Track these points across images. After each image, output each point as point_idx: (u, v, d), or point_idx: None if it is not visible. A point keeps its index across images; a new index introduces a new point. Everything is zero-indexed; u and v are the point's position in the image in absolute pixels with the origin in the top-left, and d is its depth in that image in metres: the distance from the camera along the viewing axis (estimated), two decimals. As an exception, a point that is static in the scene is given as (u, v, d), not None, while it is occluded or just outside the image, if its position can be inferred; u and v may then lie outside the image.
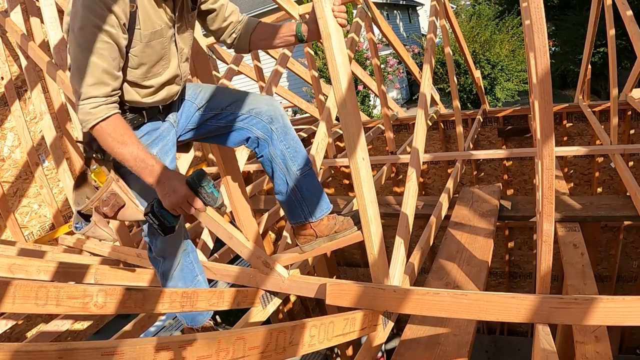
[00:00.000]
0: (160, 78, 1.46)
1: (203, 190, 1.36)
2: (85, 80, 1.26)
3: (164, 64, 1.46)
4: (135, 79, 1.41)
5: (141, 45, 1.36)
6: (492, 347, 6.27)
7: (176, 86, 1.56)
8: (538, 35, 1.40)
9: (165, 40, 1.42)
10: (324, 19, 1.40)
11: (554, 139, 1.51)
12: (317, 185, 1.79)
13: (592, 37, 4.07)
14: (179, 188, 1.33)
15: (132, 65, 1.38)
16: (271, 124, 1.66)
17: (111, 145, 1.31)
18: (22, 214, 3.63)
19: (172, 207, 1.34)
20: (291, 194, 1.75)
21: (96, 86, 1.27)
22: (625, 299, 1.47)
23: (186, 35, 1.52)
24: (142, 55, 1.38)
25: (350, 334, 1.66)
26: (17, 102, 3.51)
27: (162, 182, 1.33)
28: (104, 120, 1.29)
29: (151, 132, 1.56)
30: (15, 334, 3.11)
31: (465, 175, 5.42)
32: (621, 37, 6.78)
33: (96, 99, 1.27)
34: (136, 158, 1.31)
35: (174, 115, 1.65)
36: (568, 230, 2.83)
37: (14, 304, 1.34)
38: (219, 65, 5.94)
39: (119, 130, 1.31)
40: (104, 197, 1.46)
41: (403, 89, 17.87)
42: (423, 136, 2.96)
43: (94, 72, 1.26)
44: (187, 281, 1.88)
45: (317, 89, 4.78)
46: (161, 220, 1.39)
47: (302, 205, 1.77)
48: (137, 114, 1.50)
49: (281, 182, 1.74)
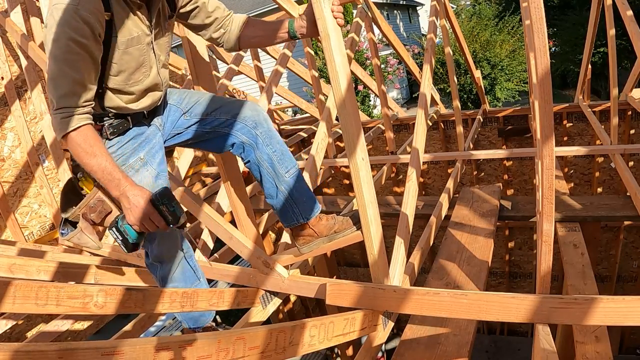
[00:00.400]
0: (141, 85, 1.47)
1: (165, 207, 1.35)
2: (58, 91, 1.27)
3: (145, 71, 1.47)
4: (116, 86, 1.42)
5: (119, 52, 1.37)
6: (492, 347, 6.27)
7: (158, 92, 1.57)
8: (538, 35, 1.40)
9: (143, 47, 1.43)
10: (322, 19, 1.40)
11: (554, 139, 1.51)
12: (304, 186, 1.81)
13: (592, 37, 4.07)
14: (141, 204, 1.33)
15: (112, 72, 1.39)
16: (255, 128, 1.67)
17: (80, 155, 1.32)
18: (22, 214, 3.63)
19: (135, 222, 1.34)
20: (281, 196, 1.76)
21: (68, 97, 1.28)
22: (625, 299, 1.47)
23: (163, 42, 1.53)
24: (121, 62, 1.39)
25: (350, 334, 1.66)
26: (17, 102, 3.51)
27: (126, 196, 1.33)
28: (75, 131, 1.30)
29: (137, 137, 1.56)
30: (15, 334, 3.11)
31: (465, 175, 5.42)
32: (621, 37, 6.78)
33: (68, 110, 1.29)
34: (104, 170, 1.32)
35: (159, 119, 1.65)
36: (568, 230, 2.83)
37: (14, 304, 1.34)
38: (219, 66, 5.94)
39: (89, 142, 1.31)
40: (91, 204, 1.47)
41: (403, 89, 17.88)
42: (423, 136, 2.96)
43: (66, 83, 1.27)
44: (187, 285, 1.88)
45: (317, 89, 4.78)
46: (124, 236, 1.39)
47: (292, 207, 1.78)
48: (123, 120, 1.51)
49: (270, 186, 1.75)
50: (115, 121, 1.49)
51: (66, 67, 1.25)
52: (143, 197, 1.33)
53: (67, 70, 1.26)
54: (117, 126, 1.49)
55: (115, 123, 1.49)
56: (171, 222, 1.37)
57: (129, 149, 1.53)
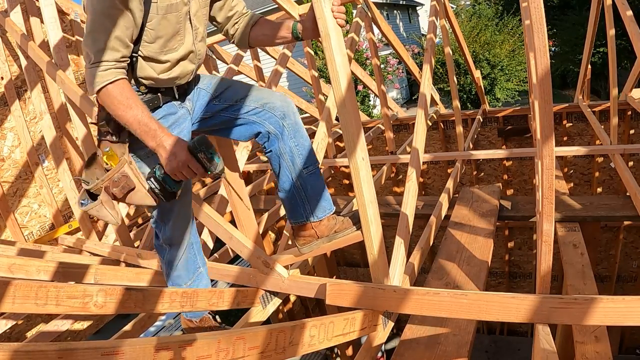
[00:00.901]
0: (176, 53, 1.49)
1: (203, 155, 1.38)
2: (96, 45, 1.31)
3: (180, 39, 1.49)
4: (151, 54, 1.45)
5: (158, 17, 1.39)
6: (492, 347, 6.27)
7: (191, 64, 1.58)
8: (538, 35, 1.40)
9: (181, 15, 1.46)
10: (323, 18, 1.40)
11: (554, 139, 1.51)
12: (321, 185, 1.80)
13: (592, 37, 4.07)
14: (179, 153, 1.36)
15: (149, 39, 1.42)
16: (283, 119, 1.68)
17: (116, 107, 1.35)
18: (22, 214, 3.63)
19: (173, 171, 1.37)
20: (295, 191, 1.76)
21: (107, 51, 1.32)
22: (625, 299, 1.47)
23: (200, 14, 1.55)
24: (159, 28, 1.41)
25: (350, 334, 1.66)
26: (17, 102, 3.51)
27: (163, 146, 1.36)
28: (112, 84, 1.33)
29: (167, 117, 1.58)
30: (15, 334, 3.10)
31: (465, 175, 5.42)
32: (621, 37, 6.79)
33: (106, 63, 1.32)
34: (140, 122, 1.35)
35: (189, 101, 1.67)
36: (568, 230, 2.83)
37: (14, 304, 1.34)
38: (219, 66, 5.95)
39: (125, 94, 1.35)
40: (115, 178, 1.47)
41: (403, 89, 17.88)
42: (423, 136, 2.96)
43: (105, 37, 1.30)
44: (189, 273, 1.89)
45: (317, 89, 4.78)
46: (163, 185, 1.42)
47: (304, 204, 1.77)
48: (154, 96, 1.53)
49: (286, 180, 1.75)
50: (147, 97, 1.52)
51: (108, 21, 1.29)
52: (181, 145, 1.37)
53: (109, 24, 1.29)
54: (148, 102, 1.52)
55: (146, 99, 1.52)
56: (209, 168, 1.39)
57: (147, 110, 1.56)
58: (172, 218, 1.73)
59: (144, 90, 1.52)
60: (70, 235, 3.60)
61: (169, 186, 1.43)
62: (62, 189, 3.77)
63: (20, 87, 3.62)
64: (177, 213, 1.73)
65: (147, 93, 1.53)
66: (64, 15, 3.90)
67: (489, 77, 12.88)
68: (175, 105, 1.61)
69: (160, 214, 1.72)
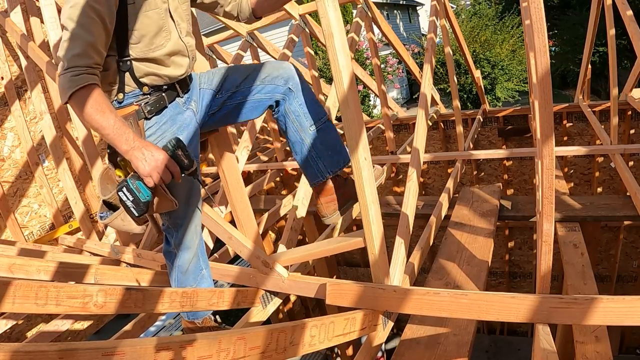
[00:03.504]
0: (164, 49, 1.50)
1: (181, 152, 1.37)
2: (70, 51, 1.32)
3: (165, 35, 1.49)
4: (141, 54, 1.46)
5: (138, 16, 1.41)
6: (492, 347, 6.28)
7: (185, 58, 1.58)
8: (538, 35, 1.40)
9: (161, 12, 1.47)
10: (326, 18, 1.40)
11: (554, 138, 1.51)
12: (333, 139, 1.78)
13: (592, 37, 4.07)
14: (155, 152, 1.35)
15: (135, 40, 1.43)
16: (287, 83, 1.70)
17: (89, 112, 1.32)
18: (22, 213, 3.63)
19: (150, 172, 1.34)
20: (305, 150, 1.75)
21: (80, 57, 1.32)
22: (625, 299, 1.47)
23: (181, 10, 1.56)
24: (141, 27, 1.43)
25: (350, 334, 1.66)
26: (17, 102, 3.51)
27: (137, 148, 1.34)
28: (84, 88, 1.32)
29: (174, 118, 1.59)
30: (15, 334, 3.10)
31: (465, 175, 5.42)
32: (621, 37, 6.78)
33: (78, 69, 1.32)
34: (113, 126, 1.33)
35: (194, 103, 1.67)
36: (568, 230, 2.82)
37: (14, 304, 1.34)
38: (219, 66, 5.94)
39: (98, 99, 1.34)
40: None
41: (403, 88, 17.88)
42: (423, 136, 2.96)
43: (79, 45, 1.32)
44: (195, 275, 1.89)
45: (317, 89, 4.78)
46: (135, 194, 1.35)
47: (316, 162, 1.76)
48: (158, 96, 1.54)
49: (295, 140, 1.76)
50: (152, 98, 1.53)
51: (81, 30, 1.31)
52: (155, 146, 1.37)
53: (82, 32, 1.31)
54: (154, 104, 1.53)
55: (151, 101, 1.52)
56: (187, 166, 1.39)
57: (169, 132, 1.56)
58: (185, 222, 1.73)
59: (148, 91, 1.52)
60: (70, 235, 3.60)
61: (142, 195, 1.36)
62: (62, 189, 3.77)
63: (20, 87, 3.62)
64: (189, 217, 1.73)
65: (151, 94, 1.53)
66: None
67: (489, 77, 12.89)
68: (180, 105, 1.61)
69: (172, 219, 1.72)
